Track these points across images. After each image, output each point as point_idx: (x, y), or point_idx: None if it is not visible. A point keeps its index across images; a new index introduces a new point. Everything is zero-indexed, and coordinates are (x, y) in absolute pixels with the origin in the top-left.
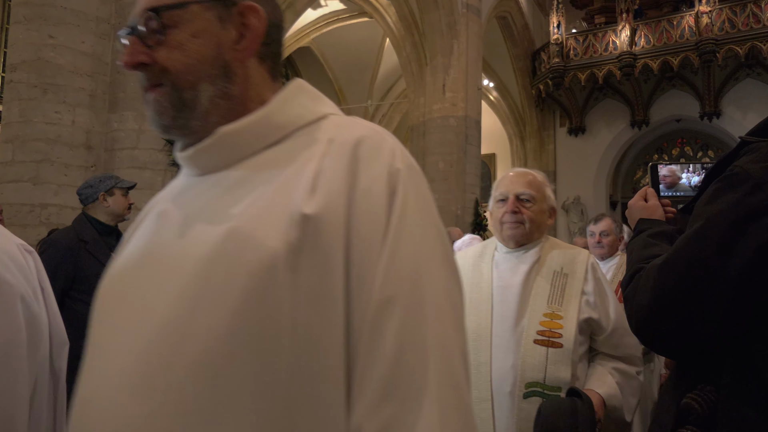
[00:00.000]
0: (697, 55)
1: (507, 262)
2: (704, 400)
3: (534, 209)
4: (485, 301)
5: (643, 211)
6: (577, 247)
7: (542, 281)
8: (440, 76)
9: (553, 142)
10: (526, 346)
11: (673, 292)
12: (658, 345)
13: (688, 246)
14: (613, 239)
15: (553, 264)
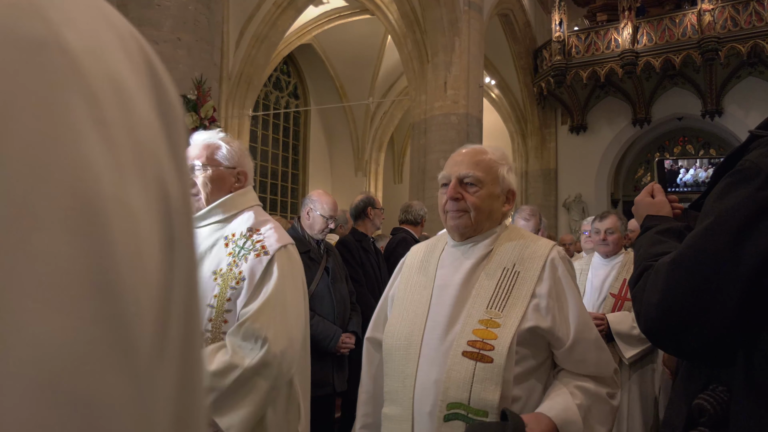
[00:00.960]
0: (699, 53)
1: (452, 258)
2: (716, 400)
3: (481, 194)
4: (422, 305)
5: (650, 207)
6: (542, 239)
7: (486, 280)
8: (442, 74)
9: (554, 140)
10: (454, 359)
11: (683, 290)
12: (669, 344)
13: (698, 243)
14: (618, 237)
15: (504, 259)
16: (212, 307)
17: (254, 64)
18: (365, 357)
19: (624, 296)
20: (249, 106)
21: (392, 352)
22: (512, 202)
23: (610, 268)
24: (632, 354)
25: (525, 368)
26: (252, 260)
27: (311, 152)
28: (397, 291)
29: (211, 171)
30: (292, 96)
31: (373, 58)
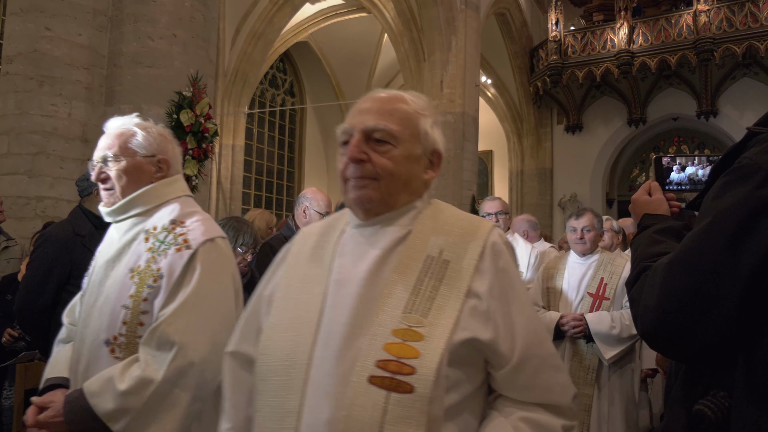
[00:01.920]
0: (694, 53)
1: (354, 244)
2: (717, 406)
3: (395, 155)
4: (312, 309)
5: (647, 205)
6: (477, 218)
7: (400, 275)
8: (438, 72)
9: (550, 140)
10: (357, 388)
11: (682, 292)
12: (667, 348)
13: (696, 243)
14: (595, 235)
15: (427, 245)
16: (127, 308)
17: (250, 61)
18: (227, 380)
19: (602, 295)
20: (245, 103)
21: (267, 378)
22: (438, 167)
23: (587, 267)
24: (612, 354)
25: (459, 398)
26: (172, 256)
27: (307, 150)
28: (276, 289)
29: (125, 161)
30: (288, 94)
31: (370, 56)
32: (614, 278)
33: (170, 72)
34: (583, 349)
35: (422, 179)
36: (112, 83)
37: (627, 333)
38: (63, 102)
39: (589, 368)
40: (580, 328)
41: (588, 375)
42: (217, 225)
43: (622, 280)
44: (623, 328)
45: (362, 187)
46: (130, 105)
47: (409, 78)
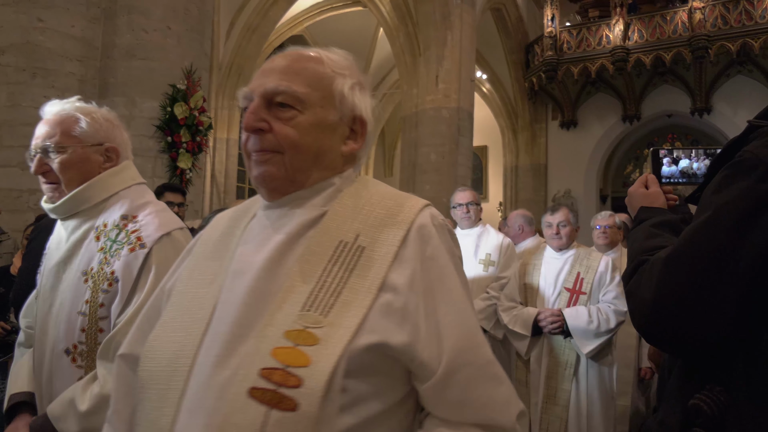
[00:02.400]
0: (689, 50)
1: (260, 228)
2: (713, 401)
3: (300, 122)
4: (205, 305)
5: (644, 198)
6: (407, 196)
7: (305, 264)
8: (433, 67)
9: (545, 136)
10: (233, 403)
11: (680, 287)
12: (665, 343)
13: (695, 238)
14: (570, 230)
15: (342, 228)
16: (84, 315)
17: (245, 54)
18: (114, 387)
19: (579, 290)
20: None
21: (147, 386)
22: (362, 137)
23: (563, 262)
24: (590, 348)
25: (361, 419)
26: (126, 256)
27: None
28: (177, 281)
29: (69, 152)
30: None
31: (365, 50)
32: (590, 273)
33: (164, 65)
34: (560, 344)
35: (340, 152)
36: (106, 75)
37: (604, 327)
38: (56, 94)
39: (567, 363)
40: (558, 324)
41: (566, 370)
42: (173, 215)
43: (598, 274)
44: (600, 323)
45: (263, 162)
46: (123, 98)
47: (404, 73)
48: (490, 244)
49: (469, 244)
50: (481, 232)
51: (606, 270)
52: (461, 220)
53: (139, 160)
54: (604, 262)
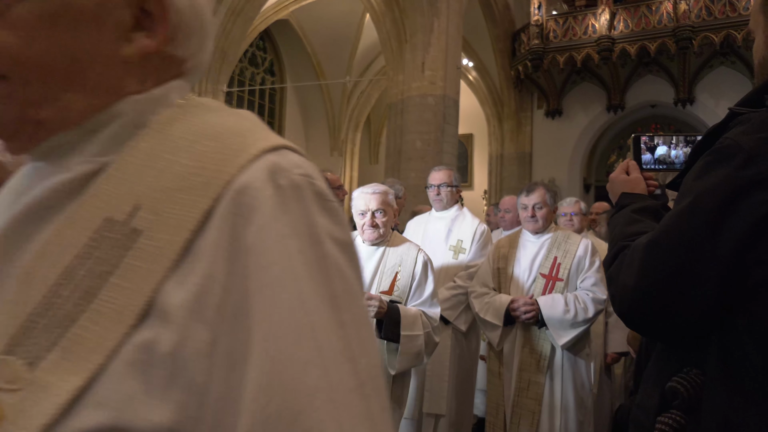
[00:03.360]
0: (674, 41)
1: (6, 195)
2: (690, 383)
3: (22, 16)
4: None
5: (625, 184)
6: (247, 131)
7: (38, 261)
8: (420, 54)
9: (530, 124)
10: None
11: (660, 272)
12: (644, 327)
13: (676, 224)
14: (547, 212)
15: (114, 198)
16: None
17: (229, 38)
18: None
19: (555, 276)
20: (224, 81)
21: None
22: (162, 26)
23: (539, 246)
24: (566, 340)
25: None
26: None
27: (287, 131)
28: None
29: None
30: (268, 73)
31: (351, 36)
32: (568, 258)
33: None
34: (535, 335)
35: (119, 56)
36: None
37: (582, 317)
38: None
39: (541, 355)
40: (532, 313)
41: (540, 362)
42: None
43: (576, 259)
44: (578, 312)
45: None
46: None
47: (390, 59)
48: (463, 230)
49: (440, 228)
50: (455, 216)
51: (585, 254)
52: (433, 202)
53: None
54: (583, 246)
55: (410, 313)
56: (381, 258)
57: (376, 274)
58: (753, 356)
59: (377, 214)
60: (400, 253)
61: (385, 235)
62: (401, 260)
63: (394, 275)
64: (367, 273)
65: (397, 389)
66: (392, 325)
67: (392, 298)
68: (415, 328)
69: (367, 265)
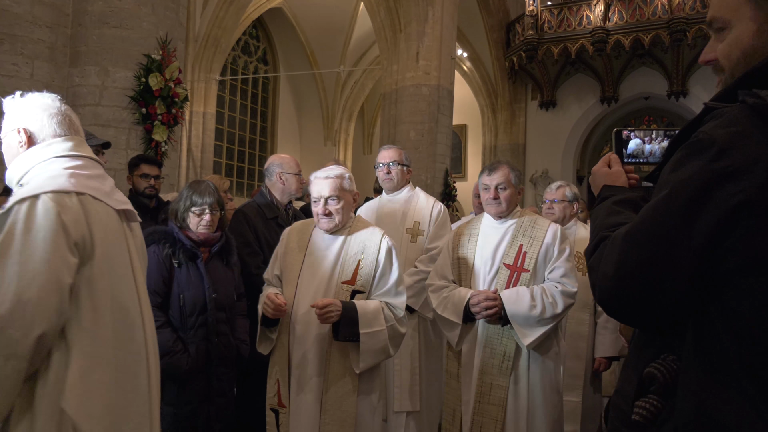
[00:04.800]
0: (668, 33)
1: None
2: (667, 369)
3: None
4: None
5: (606, 177)
6: None
7: None
8: (414, 44)
9: (524, 115)
10: None
11: (638, 261)
12: (623, 314)
13: (652, 215)
14: (511, 193)
15: None
16: None
17: (222, 26)
18: None
19: (520, 267)
20: (216, 70)
21: None
22: None
23: (503, 233)
24: (533, 339)
25: None
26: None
27: (280, 120)
28: None
29: None
30: (261, 61)
31: (345, 25)
32: (535, 245)
33: (138, 34)
34: (497, 332)
35: None
36: (77, 43)
37: (549, 312)
38: (25, 62)
39: (504, 356)
40: (494, 310)
41: (503, 363)
42: (66, 180)
43: (544, 247)
44: (545, 307)
45: None
46: (95, 66)
47: (384, 49)
48: (419, 211)
49: (394, 211)
50: (408, 197)
51: (553, 241)
52: (382, 183)
53: (112, 132)
54: (551, 232)
55: (370, 308)
56: (342, 246)
57: (337, 264)
58: (726, 342)
59: (330, 202)
60: (363, 240)
61: (343, 223)
62: (364, 247)
63: (357, 263)
64: (327, 263)
65: (365, 381)
66: (349, 324)
67: (355, 287)
68: (376, 324)
69: (326, 255)
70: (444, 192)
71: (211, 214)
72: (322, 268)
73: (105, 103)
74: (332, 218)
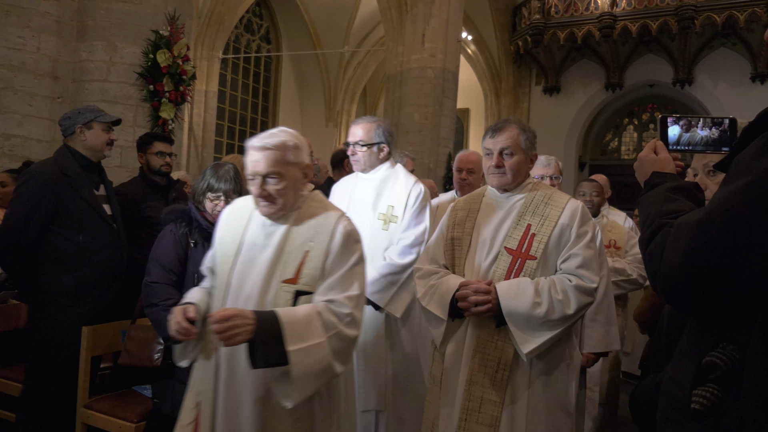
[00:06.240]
0: (675, 20)
1: None
2: (728, 357)
3: None
4: None
5: (655, 164)
6: None
7: None
8: (420, 26)
9: (527, 101)
10: None
11: (713, 249)
12: (688, 305)
13: (732, 202)
14: (520, 161)
15: None
16: None
17: (225, 3)
18: None
19: (526, 252)
20: (219, 47)
21: None
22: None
23: (508, 209)
24: (534, 347)
25: None
26: None
27: (282, 100)
28: None
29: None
30: (263, 40)
31: (350, 4)
32: (547, 226)
33: (146, 9)
34: (492, 334)
35: None
36: (84, 17)
37: (558, 313)
38: (31, 35)
39: (499, 363)
40: (485, 306)
41: (497, 373)
42: None
43: (558, 228)
44: (553, 305)
45: None
46: (103, 42)
47: (390, 30)
48: (395, 193)
49: (367, 192)
50: (385, 177)
51: (571, 221)
52: (352, 163)
53: (119, 108)
54: (570, 210)
55: (299, 315)
56: (285, 235)
57: (280, 258)
58: None
59: (270, 181)
60: (314, 226)
61: (288, 206)
62: (314, 234)
63: (303, 256)
64: (266, 257)
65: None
66: (270, 342)
67: (299, 287)
68: (310, 335)
69: (266, 246)
70: (447, 176)
71: (226, 202)
72: (259, 264)
73: (112, 79)
74: (273, 202)
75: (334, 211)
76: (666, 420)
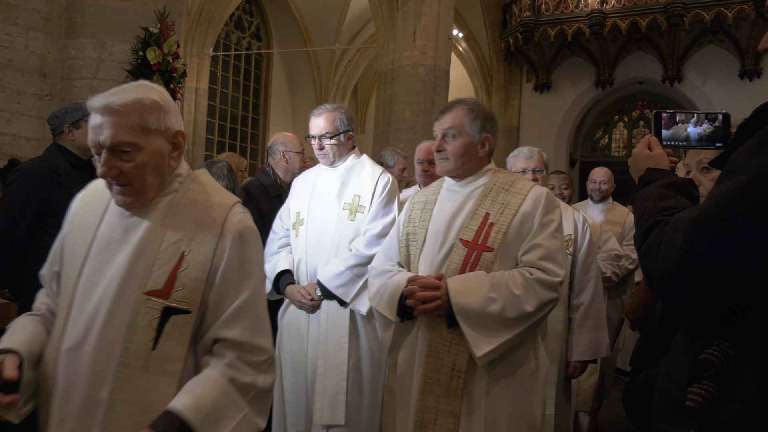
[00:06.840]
0: (665, 17)
1: None
2: (723, 355)
3: None
4: None
5: (649, 160)
6: None
7: None
8: (411, 23)
9: (518, 98)
10: None
11: (710, 247)
12: (685, 303)
13: (728, 199)
14: (465, 144)
15: None
16: None
17: (215, 0)
18: None
19: (482, 244)
20: (209, 45)
21: None
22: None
23: (464, 198)
24: (489, 349)
25: None
26: None
27: (273, 97)
28: None
29: None
30: (254, 37)
31: (340, 1)
32: (506, 214)
33: (136, 5)
34: (445, 335)
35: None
36: (73, 14)
37: (514, 310)
38: (19, 32)
39: (453, 369)
40: (434, 304)
41: (452, 380)
42: None
43: (519, 216)
44: (510, 302)
45: None
46: (92, 39)
47: (381, 27)
48: (361, 183)
49: (332, 182)
50: (350, 167)
51: (534, 209)
52: (318, 158)
53: None
54: (533, 197)
55: (208, 401)
56: (148, 233)
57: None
58: None
59: (123, 155)
60: (194, 219)
61: (151, 192)
62: (195, 230)
63: (177, 261)
64: (121, 260)
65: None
66: None
67: (170, 303)
68: (228, 418)
69: (123, 245)
70: None
71: None
72: (113, 268)
73: (102, 77)
74: (128, 184)
75: (224, 197)
76: (660, 416)
